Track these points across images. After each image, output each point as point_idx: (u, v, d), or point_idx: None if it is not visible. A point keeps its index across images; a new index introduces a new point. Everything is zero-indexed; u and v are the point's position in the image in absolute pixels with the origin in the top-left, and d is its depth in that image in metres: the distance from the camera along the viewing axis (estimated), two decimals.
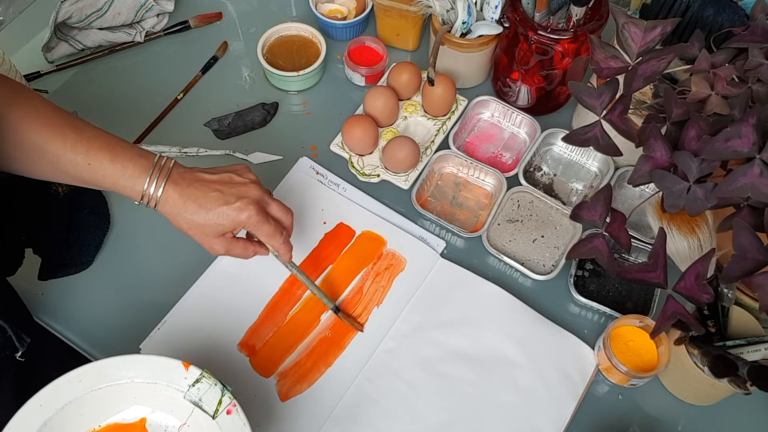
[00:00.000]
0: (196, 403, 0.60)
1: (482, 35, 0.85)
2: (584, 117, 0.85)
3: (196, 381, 0.60)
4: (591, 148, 0.65)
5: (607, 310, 0.74)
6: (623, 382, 0.71)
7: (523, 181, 0.82)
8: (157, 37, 0.96)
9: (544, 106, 0.90)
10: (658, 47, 0.61)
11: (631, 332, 0.70)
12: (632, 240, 0.73)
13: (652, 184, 0.60)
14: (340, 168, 0.85)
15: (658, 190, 0.61)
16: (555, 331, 0.74)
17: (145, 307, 0.74)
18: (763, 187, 0.53)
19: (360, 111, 0.87)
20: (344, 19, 0.95)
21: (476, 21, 0.85)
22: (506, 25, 0.83)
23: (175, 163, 0.63)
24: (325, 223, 0.81)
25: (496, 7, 0.83)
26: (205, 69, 0.93)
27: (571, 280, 0.76)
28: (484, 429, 0.69)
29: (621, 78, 0.63)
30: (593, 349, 0.73)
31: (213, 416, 0.59)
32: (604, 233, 0.66)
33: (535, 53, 0.80)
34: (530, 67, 0.83)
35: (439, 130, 0.87)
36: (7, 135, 0.58)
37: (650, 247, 0.74)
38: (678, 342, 0.67)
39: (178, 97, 0.91)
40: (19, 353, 0.65)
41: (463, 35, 0.86)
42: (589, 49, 0.63)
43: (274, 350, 0.73)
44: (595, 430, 0.70)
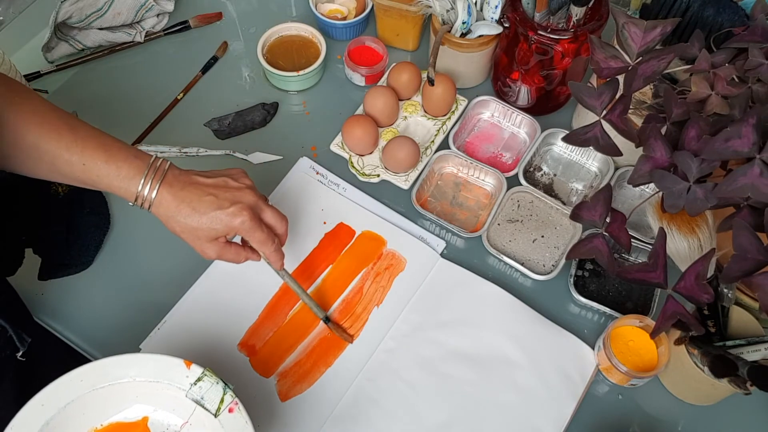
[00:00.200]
0: (198, 402, 0.60)
1: (482, 35, 0.85)
2: (584, 117, 0.85)
3: (198, 379, 0.60)
4: (591, 148, 0.65)
5: (607, 310, 0.74)
6: (623, 382, 0.71)
7: (523, 181, 0.82)
8: (157, 37, 0.96)
9: (544, 106, 0.90)
10: (658, 47, 0.61)
11: (631, 332, 0.70)
12: (632, 240, 0.73)
13: (652, 184, 0.60)
14: (340, 168, 0.85)
15: (658, 190, 0.61)
16: (555, 331, 0.74)
17: (145, 307, 0.74)
18: (763, 187, 0.53)
19: (360, 111, 0.88)
20: (344, 19, 0.95)
21: (476, 21, 0.85)
22: (506, 25, 0.83)
23: (171, 165, 0.63)
24: (325, 223, 0.81)
25: (496, 7, 0.83)
26: (205, 69, 0.93)
27: (571, 280, 0.76)
28: (484, 429, 0.69)
29: (621, 78, 0.63)
30: (593, 349, 0.73)
31: (215, 414, 0.59)
32: (604, 233, 0.66)
33: (535, 53, 0.80)
34: (530, 67, 0.83)
35: (439, 130, 0.87)
36: (4, 134, 0.58)
37: (650, 247, 0.74)
38: (678, 342, 0.67)
39: (178, 97, 0.91)
40: (20, 353, 0.65)
41: (463, 35, 0.86)
42: (589, 49, 0.63)
43: (274, 350, 0.73)
44: (595, 430, 0.70)
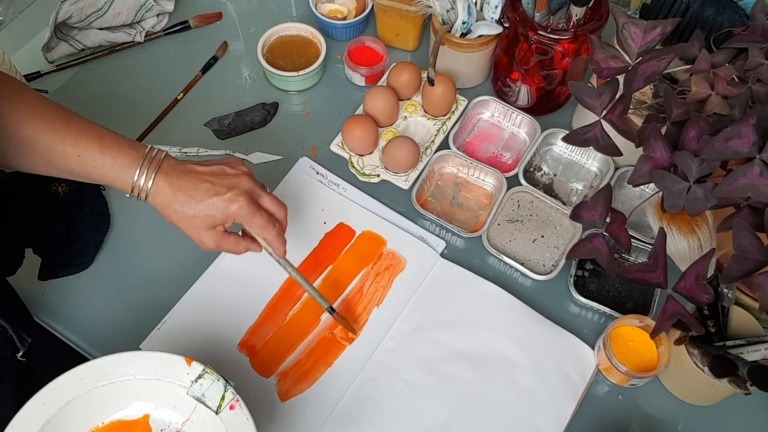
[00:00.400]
0: (199, 399, 0.60)
1: (482, 35, 0.85)
2: (584, 117, 0.85)
3: (199, 377, 0.60)
4: (591, 148, 0.65)
5: (607, 310, 0.74)
6: (623, 382, 0.71)
7: (523, 181, 0.82)
8: (157, 37, 0.96)
9: (544, 106, 0.90)
10: (658, 47, 0.61)
11: (631, 332, 0.70)
12: (632, 240, 0.73)
13: (652, 184, 0.60)
14: (340, 168, 0.85)
15: (658, 190, 0.61)
16: (555, 331, 0.74)
17: (145, 307, 0.74)
18: (763, 187, 0.53)
19: (360, 111, 0.88)
20: (344, 19, 0.95)
21: (476, 21, 0.85)
22: (506, 25, 0.83)
23: (166, 155, 0.63)
24: (326, 223, 0.81)
25: (496, 7, 0.83)
26: (205, 69, 0.93)
27: (571, 280, 0.76)
28: (484, 429, 0.69)
29: (621, 78, 0.63)
30: (593, 349, 0.73)
31: (216, 411, 0.59)
32: (604, 233, 0.66)
33: (535, 53, 0.80)
34: (530, 67, 0.83)
35: (439, 130, 0.87)
36: (0, 128, 0.58)
37: (650, 247, 0.74)
38: (678, 342, 0.67)
39: (178, 97, 0.91)
40: (20, 353, 0.65)
41: (463, 35, 0.86)
42: (589, 49, 0.63)
43: (274, 350, 0.73)
44: (595, 430, 0.70)
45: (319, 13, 0.94)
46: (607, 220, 0.66)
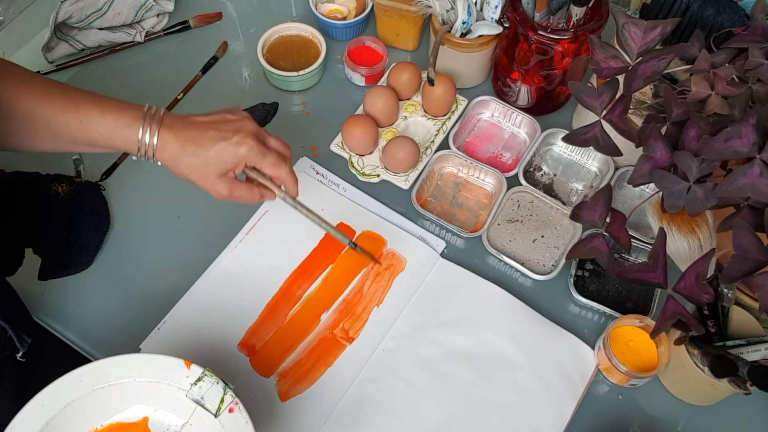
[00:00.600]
0: (198, 402, 0.60)
1: (482, 35, 0.85)
2: (584, 117, 0.85)
3: (198, 379, 0.60)
4: (591, 148, 0.65)
5: (607, 310, 0.74)
6: (623, 382, 0.71)
7: (523, 181, 0.82)
8: (157, 37, 0.96)
9: (544, 106, 0.90)
10: (658, 47, 0.61)
11: (631, 332, 0.70)
12: (632, 240, 0.73)
13: (652, 184, 0.60)
14: (340, 168, 0.85)
15: (658, 190, 0.61)
16: (555, 331, 0.74)
17: (145, 308, 0.74)
18: (763, 187, 0.53)
19: (360, 111, 0.88)
20: (344, 19, 0.95)
21: (476, 21, 0.85)
22: (506, 25, 0.83)
23: (166, 110, 0.63)
24: None
25: (496, 7, 0.83)
26: (205, 69, 0.93)
27: (571, 280, 0.76)
28: (484, 429, 0.69)
29: (621, 78, 0.63)
30: (593, 349, 0.73)
31: (215, 415, 0.59)
32: (604, 233, 0.66)
33: (535, 53, 0.80)
34: (530, 67, 0.83)
35: (439, 130, 0.87)
36: None
37: (650, 247, 0.74)
38: (678, 342, 0.67)
39: (178, 97, 0.91)
40: (20, 354, 0.65)
41: (463, 35, 0.86)
42: (589, 49, 0.63)
43: (274, 350, 0.73)
44: (595, 430, 0.70)
45: (319, 13, 0.94)
46: (607, 220, 0.66)
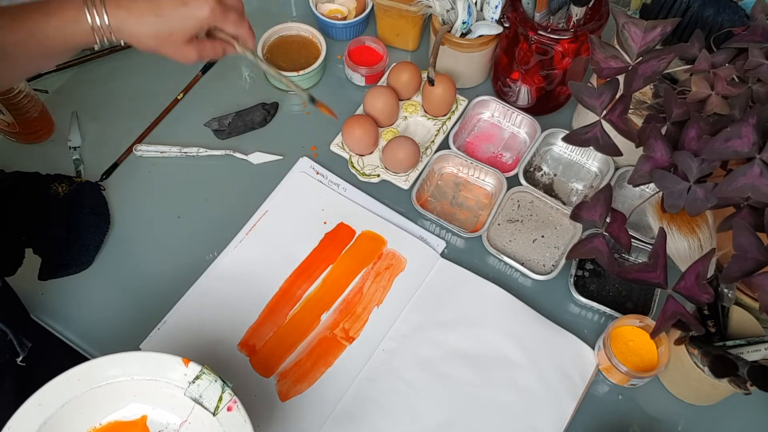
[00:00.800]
0: (196, 400, 0.60)
1: (482, 35, 0.85)
2: (584, 117, 0.85)
3: (197, 378, 0.60)
4: (591, 148, 0.65)
5: (607, 310, 0.74)
6: (623, 382, 0.71)
7: (523, 181, 0.82)
8: None
9: (544, 106, 0.90)
10: (658, 47, 0.61)
11: (631, 332, 0.70)
12: (632, 240, 0.73)
13: (652, 184, 0.60)
14: (340, 168, 0.85)
15: (658, 190, 0.61)
16: (555, 331, 0.74)
17: (145, 307, 0.74)
18: (763, 187, 0.53)
19: (360, 111, 0.87)
20: (344, 19, 0.95)
21: (476, 21, 0.85)
22: (506, 25, 0.83)
23: None
24: (326, 223, 0.81)
25: (496, 7, 0.83)
26: (205, 69, 0.93)
27: (571, 280, 0.76)
28: (484, 429, 0.69)
29: (621, 78, 0.63)
30: (593, 349, 0.73)
31: (214, 413, 0.59)
32: (604, 233, 0.66)
33: (535, 53, 0.80)
34: (530, 67, 0.83)
35: (439, 130, 0.87)
36: None
37: (650, 247, 0.74)
38: (678, 342, 0.67)
39: (178, 97, 0.91)
40: (20, 358, 0.64)
41: (463, 35, 0.86)
42: (589, 49, 0.63)
43: (274, 350, 0.73)
44: (595, 430, 0.70)
45: (319, 13, 0.94)
46: (607, 220, 0.66)
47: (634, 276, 0.62)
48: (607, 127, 0.64)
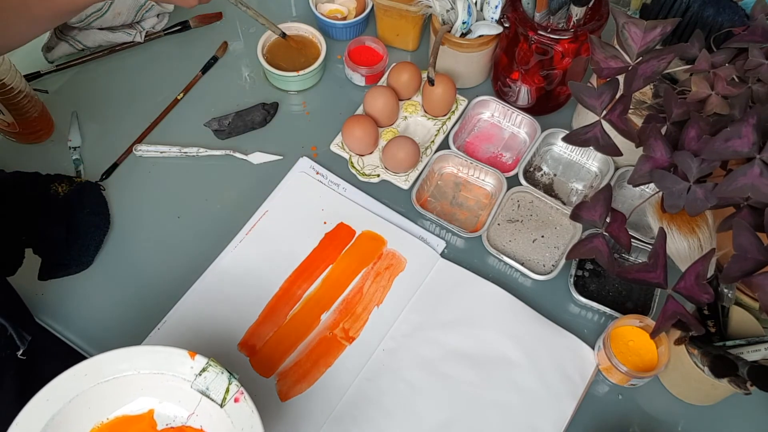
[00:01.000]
0: (203, 393, 0.60)
1: (482, 35, 0.85)
2: (584, 117, 0.85)
3: (203, 370, 0.60)
4: (591, 148, 0.65)
5: (607, 310, 0.74)
6: (623, 382, 0.71)
7: (523, 181, 0.82)
8: (157, 37, 0.96)
9: (544, 106, 0.90)
10: (658, 47, 0.61)
11: (631, 332, 0.70)
12: (632, 240, 0.73)
13: (652, 184, 0.60)
14: (340, 168, 0.85)
15: (658, 190, 0.61)
16: (555, 331, 0.74)
17: (145, 307, 0.74)
18: (763, 187, 0.53)
19: (360, 111, 0.88)
20: (344, 19, 0.95)
21: (476, 21, 0.85)
22: (506, 25, 0.83)
23: None
24: (326, 223, 0.81)
25: (496, 7, 0.83)
26: (205, 69, 0.93)
27: (571, 280, 0.76)
28: (484, 429, 0.69)
29: (621, 78, 0.63)
30: (593, 349, 0.73)
31: (221, 405, 0.59)
32: (604, 233, 0.66)
33: (535, 53, 0.80)
34: (530, 67, 0.83)
35: (439, 130, 0.87)
36: None
37: (650, 247, 0.74)
38: (678, 342, 0.67)
39: (178, 97, 0.91)
40: (20, 351, 0.65)
41: (463, 35, 0.86)
42: (589, 49, 0.63)
43: (274, 350, 0.73)
44: (595, 430, 0.70)
45: (319, 13, 0.94)
46: (607, 220, 0.66)
47: (634, 276, 0.62)
48: (607, 127, 0.64)
